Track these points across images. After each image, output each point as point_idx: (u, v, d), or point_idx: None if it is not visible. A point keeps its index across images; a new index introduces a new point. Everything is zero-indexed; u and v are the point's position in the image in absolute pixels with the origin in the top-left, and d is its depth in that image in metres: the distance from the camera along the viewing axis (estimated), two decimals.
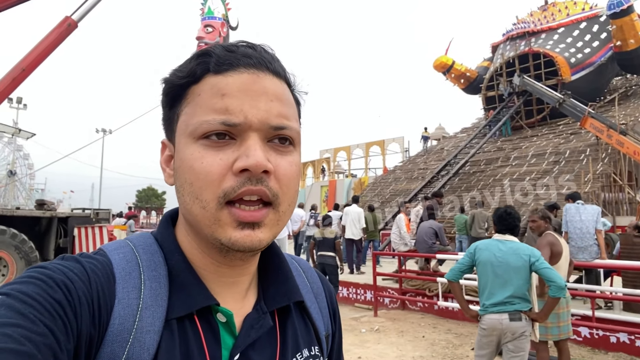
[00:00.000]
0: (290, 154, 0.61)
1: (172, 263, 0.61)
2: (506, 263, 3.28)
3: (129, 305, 0.55)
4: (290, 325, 0.68)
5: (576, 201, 6.16)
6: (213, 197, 0.56)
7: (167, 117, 0.64)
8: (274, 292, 0.67)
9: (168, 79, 0.62)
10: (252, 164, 0.55)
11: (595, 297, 5.77)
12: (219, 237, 0.57)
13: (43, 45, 9.37)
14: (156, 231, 0.66)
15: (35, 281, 0.50)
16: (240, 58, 0.58)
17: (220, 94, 0.57)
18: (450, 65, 26.37)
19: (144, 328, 0.55)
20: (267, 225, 0.58)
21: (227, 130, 0.56)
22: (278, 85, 0.60)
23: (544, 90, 20.61)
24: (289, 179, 0.60)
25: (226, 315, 0.60)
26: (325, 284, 0.81)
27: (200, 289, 0.60)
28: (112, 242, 0.63)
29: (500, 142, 22.57)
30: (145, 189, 56.66)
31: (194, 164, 0.56)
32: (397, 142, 30.64)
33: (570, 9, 23.99)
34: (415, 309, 8.03)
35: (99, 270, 0.56)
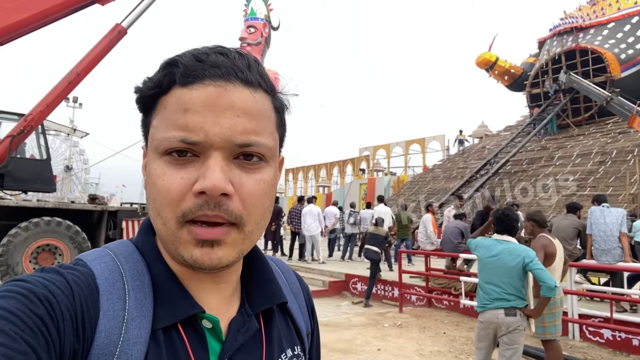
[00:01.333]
0: (258, 171, 0.59)
1: (155, 272, 0.60)
2: (502, 262, 3.49)
3: (114, 317, 0.54)
4: (274, 327, 0.68)
5: (601, 204, 6.12)
6: (172, 216, 0.55)
7: (142, 123, 0.63)
8: (257, 295, 0.67)
9: (139, 88, 0.61)
10: (208, 187, 0.53)
11: (616, 299, 5.74)
12: (181, 253, 0.57)
13: (95, 51, 10.10)
14: (135, 239, 0.65)
15: (16, 295, 0.48)
16: (207, 69, 0.56)
17: (183, 109, 0.55)
18: (494, 61, 25.80)
19: (131, 340, 0.54)
20: (229, 244, 0.57)
21: (188, 148, 0.55)
22: (248, 98, 0.57)
23: (590, 87, 19.90)
24: (255, 198, 0.58)
25: (212, 322, 0.60)
26: (302, 283, 0.82)
27: (185, 298, 0.59)
28: (90, 251, 0.62)
29: (545, 141, 21.97)
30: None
31: (156, 181, 0.56)
32: (438, 140, 30.33)
33: (621, 3, 22.93)
34: (441, 307, 8.17)
35: (82, 282, 0.54)
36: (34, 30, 9.30)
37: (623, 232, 5.82)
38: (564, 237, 6.51)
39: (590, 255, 6.12)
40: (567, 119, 22.93)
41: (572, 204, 6.93)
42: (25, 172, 9.18)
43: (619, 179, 16.14)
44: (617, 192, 15.09)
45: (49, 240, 8.45)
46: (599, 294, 6.56)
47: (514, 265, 3.45)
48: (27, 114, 9.05)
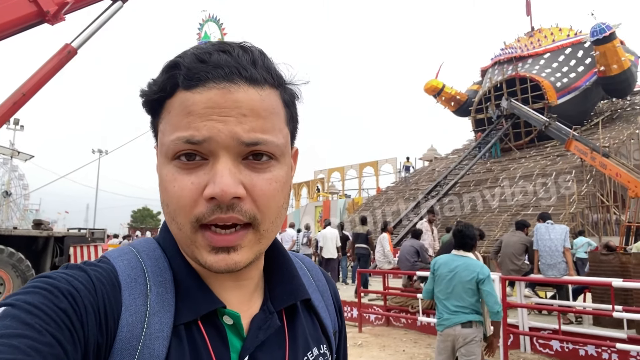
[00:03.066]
0: (269, 170, 0.58)
1: (176, 268, 0.61)
2: (458, 276, 3.62)
3: (136, 312, 0.55)
4: (299, 324, 0.67)
5: (546, 221, 6.51)
6: (186, 222, 0.55)
7: (152, 124, 0.63)
8: (280, 291, 0.66)
9: (144, 92, 0.60)
10: (218, 193, 0.53)
11: (563, 311, 6.07)
12: (197, 257, 0.57)
13: (43, 71, 9.77)
14: (158, 235, 0.66)
15: (41, 291, 0.50)
16: (210, 70, 0.55)
17: (187, 112, 0.55)
18: (441, 88, 27.04)
19: (153, 335, 0.54)
20: (246, 246, 0.57)
21: (194, 149, 0.55)
22: (254, 96, 0.56)
23: (530, 113, 21.20)
24: (268, 198, 0.57)
25: (233, 317, 0.60)
26: (330, 281, 0.81)
27: (206, 293, 0.59)
28: (114, 249, 0.63)
29: (490, 164, 23.05)
30: (140, 210, 56.74)
31: (168, 187, 0.56)
32: (390, 163, 31.11)
33: (555, 35, 24.80)
34: (399, 325, 8.28)
35: (104, 278, 0.55)
36: None
37: (567, 247, 6.20)
38: (512, 253, 6.85)
39: (537, 270, 6.45)
40: (509, 142, 24.24)
41: (520, 222, 7.31)
42: None
43: (559, 198, 17.15)
44: (558, 211, 15.99)
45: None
46: (547, 306, 6.89)
47: (469, 279, 3.58)
48: None
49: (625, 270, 6.13)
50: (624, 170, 14.86)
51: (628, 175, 14.58)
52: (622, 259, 6.27)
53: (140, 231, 49.77)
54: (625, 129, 21.43)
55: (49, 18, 9.61)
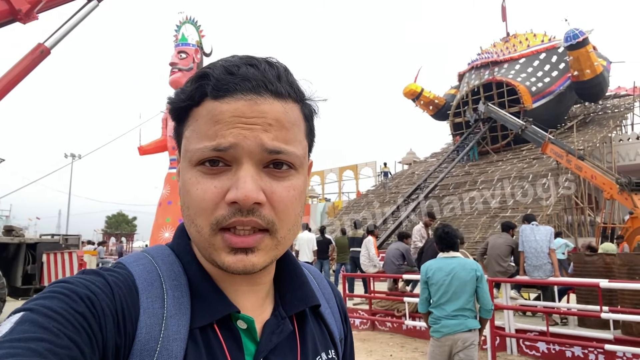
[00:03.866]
0: (288, 178, 0.60)
1: (191, 273, 0.62)
2: (457, 277, 3.51)
3: (154, 314, 0.56)
4: (308, 330, 0.69)
5: (531, 222, 6.54)
6: (206, 224, 0.57)
7: (175, 131, 0.65)
8: (291, 297, 0.68)
9: (172, 99, 0.62)
10: (240, 197, 0.55)
11: (550, 312, 6.09)
12: (214, 259, 0.58)
13: (15, 72, 9.38)
14: (171, 242, 0.67)
15: (59, 295, 0.51)
16: (238, 82, 0.57)
17: (214, 121, 0.57)
18: (420, 92, 27.32)
19: (170, 336, 0.55)
20: (263, 250, 0.58)
21: (219, 156, 0.57)
22: (278, 108, 0.59)
23: (507, 117, 21.55)
24: (286, 205, 0.59)
25: (247, 322, 0.61)
26: (335, 289, 0.82)
27: (221, 298, 0.61)
28: (129, 255, 0.65)
29: (468, 167, 23.34)
30: (115, 215, 55.46)
31: (191, 189, 0.58)
32: (370, 167, 31.21)
33: (530, 41, 25.35)
34: (384, 329, 8.21)
35: (121, 283, 0.57)
36: None
37: (552, 248, 6.23)
38: (498, 255, 6.85)
39: (523, 271, 6.46)
40: (486, 146, 24.63)
41: (506, 223, 7.32)
42: None
43: (535, 200, 17.46)
44: (536, 213, 16.24)
45: None
46: (534, 308, 6.92)
47: (470, 279, 3.50)
48: None
49: (609, 270, 6.19)
50: (599, 173, 15.19)
51: (603, 177, 14.90)
52: (606, 260, 6.33)
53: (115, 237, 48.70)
54: (598, 132, 22.00)
55: (21, 17, 9.24)
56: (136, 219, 56.92)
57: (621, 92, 27.44)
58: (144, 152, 16.45)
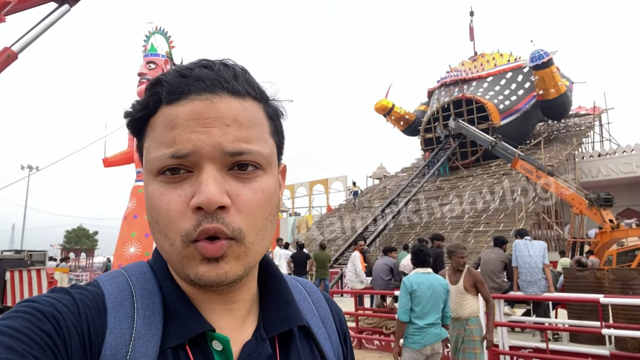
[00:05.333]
0: (255, 180, 0.57)
1: (165, 290, 0.60)
2: (435, 291, 3.88)
3: (120, 335, 0.54)
4: (293, 352, 0.64)
5: (524, 237, 6.52)
6: (177, 236, 0.55)
7: (137, 147, 0.62)
8: (274, 317, 0.64)
9: (128, 112, 0.60)
10: (203, 202, 0.53)
11: (547, 329, 6.04)
12: (187, 272, 0.55)
13: None
14: (151, 259, 0.65)
15: (23, 315, 0.50)
16: (191, 83, 0.55)
17: (170, 126, 0.55)
18: (391, 108, 27.65)
19: (138, 358, 0.53)
20: (232, 256, 0.56)
21: (179, 163, 0.55)
22: (236, 107, 0.56)
23: (477, 133, 22.03)
24: (253, 209, 0.56)
25: (222, 342, 0.58)
26: (333, 306, 0.77)
27: (195, 316, 0.58)
28: (107, 272, 0.63)
29: (440, 182, 23.65)
30: (75, 229, 53.05)
31: (155, 202, 0.56)
32: (340, 181, 31.20)
33: (497, 60, 26.17)
34: (372, 347, 7.99)
35: (89, 301, 0.55)
36: None
37: (546, 263, 6.21)
38: (492, 270, 6.79)
39: (517, 287, 6.41)
40: (457, 161, 25.06)
41: (499, 238, 7.26)
42: None
43: (507, 215, 17.78)
44: (508, 227, 16.53)
45: None
46: (527, 325, 6.87)
47: (444, 292, 3.94)
48: None
49: (600, 285, 6.23)
50: (567, 188, 15.63)
51: (572, 193, 15.34)
52: (597, 275, 6.37)
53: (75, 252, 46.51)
54: (563, 149, 22.79)
55: None
56: (97, 234, 54.68)
57: (582, 111, 28.66)
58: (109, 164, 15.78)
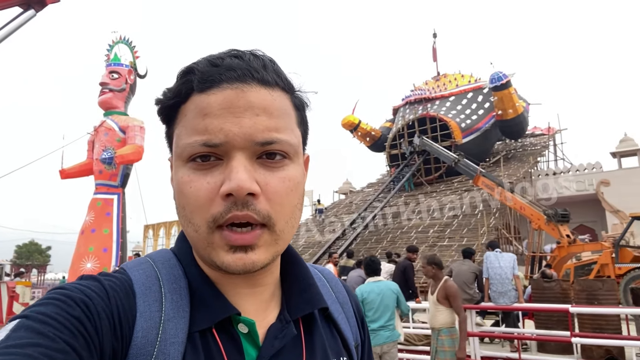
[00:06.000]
0: (282, 168, 0.58)
1: (191, 276, 0.61)
2: (385, 296, 4.29)
3: (151, 317, 0.55)
4: (317, 334, 0.66)
5: (495, 249, 6.76)
6: (203, 222, 0.56)
7: (166, 134, 0.64)
8: (296, 300, 0.66)
9: (159, 99, 0.61)
10: (234, 188, 0.54)
11: (518, 338, 6.25)
12: (213, 259, 0.56)
13: None
14: (174, 247, 0.67)
15: (54, 301, 0.50)
16: (223, 72, 0.56)
17: (202, 114, 0.56)
18: (357, 124, 28.08)
19: (168, 340, 0.54)
20: (262, 246, 0.57)
21: (210, 151, 0.56)
22: (266, 97, 0.57)
23: (440, 150, 22.66)
24: (282, 196, 0.57)
25: (248, 325, 0.59)
26: (351, 293, 0.79)
27: (220, 301, 0.59)
28: (132, 260, 0.64)
29: (405, 197, 24.09)
30: (26, 244, 50.40)
31: (184, 188, 0.57)
32: (307, 196, 31.15)
33: (459, 81, 27.15)
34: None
35: (118, 287, 0.56)
36: None
37: (517, 274, 6.46)
38: (464, 282, 6.97)
39: (487, 298, 6.62)
40: (421, 177, 25.65)
41: (467, 250, 7.48)
42: None
43: (470, 230, 18.29)
44: (471, 242, 16.98)
45: None
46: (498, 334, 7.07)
47: (393, 297, 4.36)
48: None
49: (566, 296, 6.52)
50: (527, 204, 16.26)
51: (531, 209, 15.96)
52: (563, 286, 6.68)
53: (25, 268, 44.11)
54: (520, 167, 23.76)
55: None
56: (50, 249, 52.16)
57: (537, 131, 30.05)
58: (66, 175, 15.19)
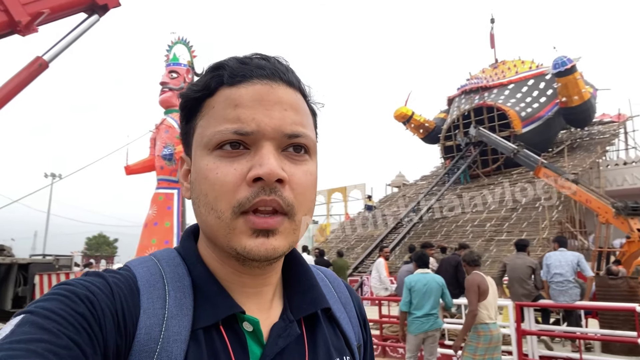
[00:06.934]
0: (305, 163, 0.61)
1: (196, 274, 0.61)
2: (431, 287, 4.77)
3: (154, 314, 0.55)
4: (320, 334, 0.67)
5: (561, 246, 6.37)
6: (228, 207, 0.56)
7: (184, 131, 0.65)
8: (299, 300, 0.67)
9: (184, 93, 0.63)
10: (265, 173, 0.55)
11: (580, 338, 5.89)
12: (234, 245, 0.57)
13: (11, 85, 9.04)
14: (179, 245, 0.67)
15: (58, 297, 0.51)
16: (253, 69, 0.59)
17: (234, 104, 0.58)
18: (410, 115, 27.51)
19: (171, 337, 0.54)
20: (282, 233, 0.58)
21: (241, 139, 0.57)
22: (292, 95, 0.61)
23: (498, 141, 21.75)
24: (304, 188, 0.60)
25: (252, 324, 0.60)
26: (353, 294, 0.80)
27: (225, 298, 0.60)
28: (136, 257, 0.64)
29: (460, 190, 23.39)
30: (95, 236, 53.84)
31: (209, 175, 0.57)
32: (359, 189, 31.09)
33: (518, 67, 25.88)
34: (396, 356, 7.90)
35: (122, 284, 0.56)
36: None
37: (588, 275, 6.03)
38: (520, 277, 6.63)
39: (547, 295, 6.28)
40: (477, 169, 24.77)
41: (521, 242, 7.05)
42: None
43: (530, 224, 17.48)
44: (531, 236, 16.22)
45: None
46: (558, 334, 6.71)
47: (438, 288, 4.82)
48: None
49: (634, 294, 6.08)
50: (594, 197, 15.29)
51: (598, 202, 15.00)
52: (631, 284, 6.23)
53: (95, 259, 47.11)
54: (587, 157, 22.34)
55: (21, 29, 8.95)
56: (117, 241, 55.40)
57: (605, 118, 28.11)
58: (131, 171, 16.00)
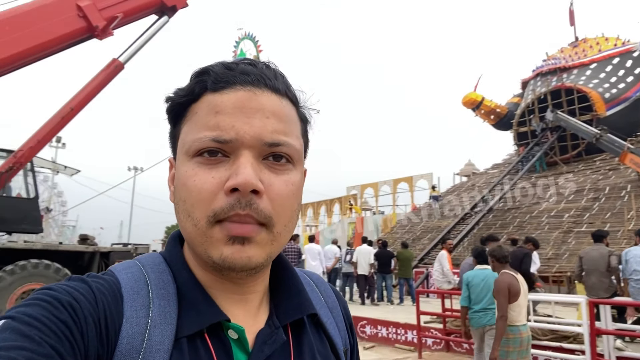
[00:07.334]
0: (286, 172, 0.60)
1: (181, 281, 0.61)
2: (488, 283, 4.77)
3: (137, 323, 0.54)
4: (305, 340, 0.66)
5: None
6: (203, 216, 0.56)
7: (171, 135, 0.65)
8: (286, 306, 0.66)
9: (170, 97, 0.63)
10: (240, 183, 0.54)
11: None
12: (210, 254, 0.56)
13: (91, 86, 9.75)
14: (164, 250, 0.66)
15: (41, 303, 0.50)
16: (237, 75, 0.58)
17: (215, 111, 0.57)
18: (480, 101, 26.29)
19: (153, 347, 0.53)
20: (259, 243, 0.57)
21: (219, 147, 0.57)
22: (276, 102, 0.60)
23: (579, 125, 20.26)
24: (284, 199, 0.58)
25: (237, 331, 0.59)
26: (340, 297, 0.79)
27: (210, 306, 0.59)
28: (121, 262, 0.64)
29: (535, 178, 22.08)
30: (174, 225, 57.32)
31: (187, 182, 0.57)
32: (426, 179, 30.32)
33: (602, 45, 23.85)
34: (461, 351, 7.67)
35: (106, 290, 0.56)
36: (29, 64, 8.93)
37: None
38: (598, 270, 6.12)
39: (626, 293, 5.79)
40: (554, 156, 23.22)
41: (598, 233, 6.53)
42: (12, 211, 8.54)
43: (615, 215, 16.13)
44: (615, 228, 14.99)
45: (36, 284, 7.73)
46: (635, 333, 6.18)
47: None
48: (17, 149, 8.51)
49: None
50: None
51: None
52: None
53: None
54: None
55: (98, 33, 9.59)
56: None
57: None
58: None
